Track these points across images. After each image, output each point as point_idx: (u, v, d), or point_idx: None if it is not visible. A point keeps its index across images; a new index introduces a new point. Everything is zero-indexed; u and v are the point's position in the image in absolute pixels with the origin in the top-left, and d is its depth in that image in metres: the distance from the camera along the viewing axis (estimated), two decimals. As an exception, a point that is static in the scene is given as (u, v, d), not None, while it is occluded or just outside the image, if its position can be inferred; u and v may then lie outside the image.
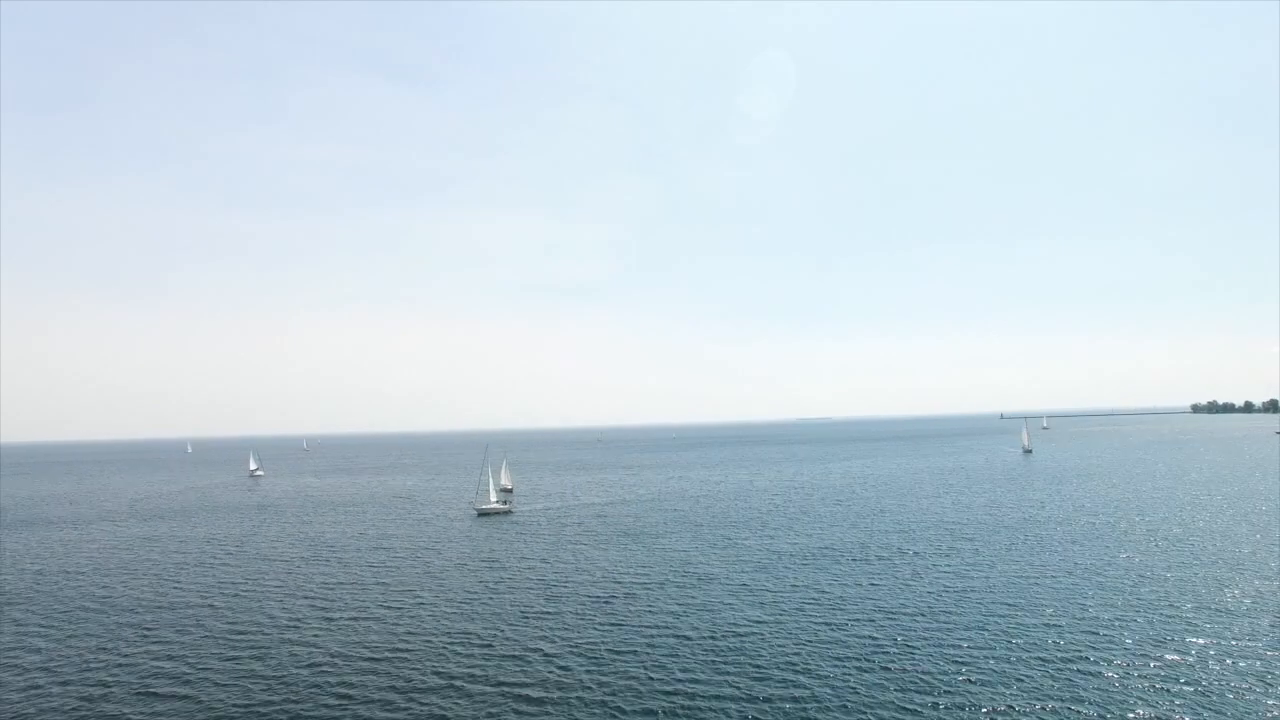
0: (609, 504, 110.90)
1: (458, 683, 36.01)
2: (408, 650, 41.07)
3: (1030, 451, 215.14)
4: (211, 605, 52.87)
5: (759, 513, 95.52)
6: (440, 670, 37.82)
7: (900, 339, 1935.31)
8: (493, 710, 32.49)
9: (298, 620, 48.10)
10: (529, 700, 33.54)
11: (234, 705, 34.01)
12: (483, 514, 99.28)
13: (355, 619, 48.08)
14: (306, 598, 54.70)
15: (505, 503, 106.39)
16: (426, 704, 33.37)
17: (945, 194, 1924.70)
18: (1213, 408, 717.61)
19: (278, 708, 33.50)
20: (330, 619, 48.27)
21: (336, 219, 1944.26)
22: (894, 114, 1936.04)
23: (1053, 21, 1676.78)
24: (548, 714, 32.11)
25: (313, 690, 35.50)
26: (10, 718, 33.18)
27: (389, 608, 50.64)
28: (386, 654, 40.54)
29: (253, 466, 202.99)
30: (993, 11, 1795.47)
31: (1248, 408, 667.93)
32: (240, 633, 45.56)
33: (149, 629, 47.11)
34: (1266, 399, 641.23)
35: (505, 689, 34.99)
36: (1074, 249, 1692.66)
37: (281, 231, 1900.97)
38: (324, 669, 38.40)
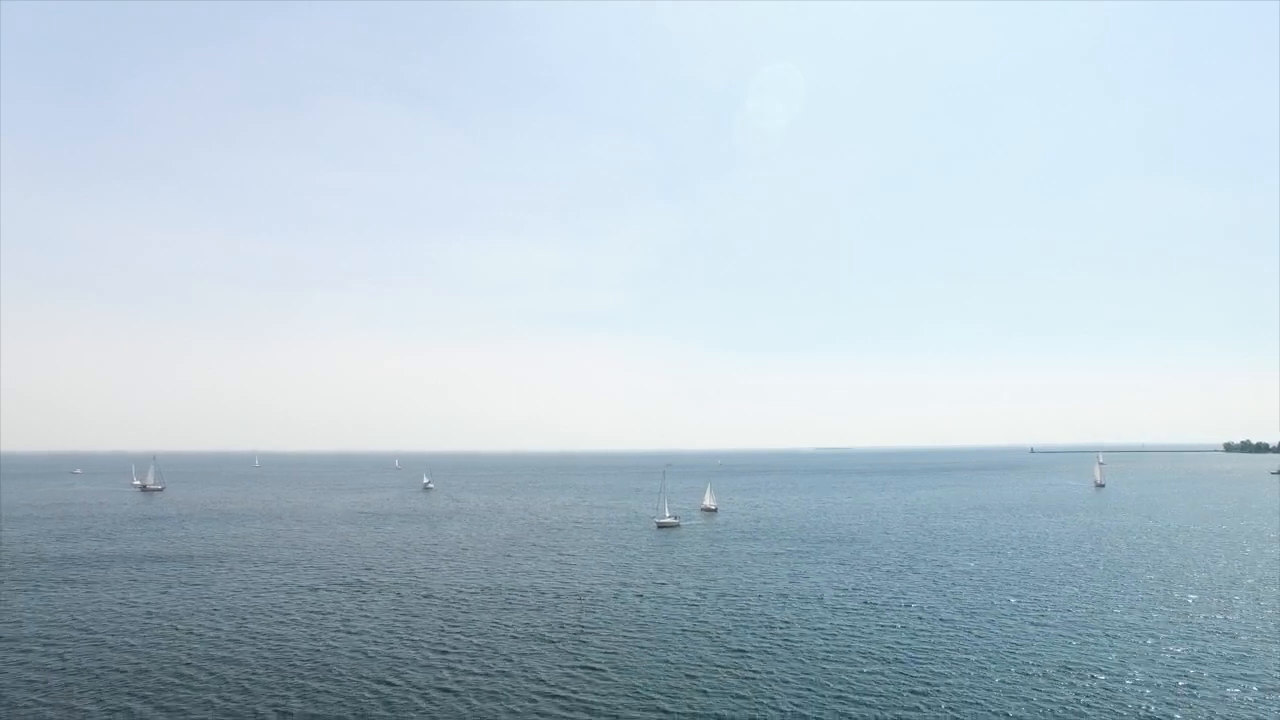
0: (751, 520, 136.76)
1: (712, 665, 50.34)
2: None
3: (1103, 486, 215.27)
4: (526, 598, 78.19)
5: (912, 534, 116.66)
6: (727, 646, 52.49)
7: (921, 367, 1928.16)
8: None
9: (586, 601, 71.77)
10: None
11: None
12: (661, 526, 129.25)
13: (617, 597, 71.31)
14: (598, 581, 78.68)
15: (676, 518, 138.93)
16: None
17: (960, 217, 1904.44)
18: (1245, 446, 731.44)
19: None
20: (608, 593, 71.31)
21: (355, 244, 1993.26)
22: (906, 126, 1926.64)
23: (1081, 30, 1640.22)
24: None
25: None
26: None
27: (653, 599, 73.14)
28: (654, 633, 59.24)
29: (425, 480, 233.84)
30: (1013, 14, 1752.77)
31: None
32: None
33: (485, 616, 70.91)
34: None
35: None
36: (1093, 280, 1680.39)
37: (299, 254, 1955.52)
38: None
